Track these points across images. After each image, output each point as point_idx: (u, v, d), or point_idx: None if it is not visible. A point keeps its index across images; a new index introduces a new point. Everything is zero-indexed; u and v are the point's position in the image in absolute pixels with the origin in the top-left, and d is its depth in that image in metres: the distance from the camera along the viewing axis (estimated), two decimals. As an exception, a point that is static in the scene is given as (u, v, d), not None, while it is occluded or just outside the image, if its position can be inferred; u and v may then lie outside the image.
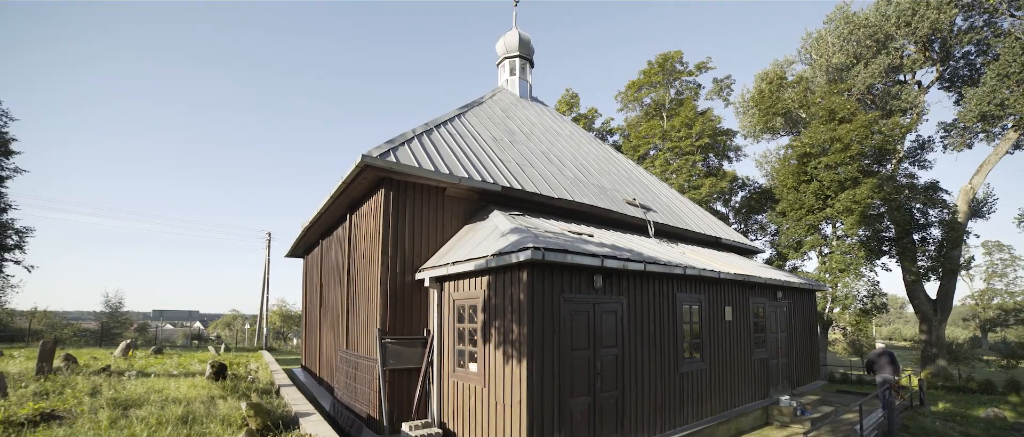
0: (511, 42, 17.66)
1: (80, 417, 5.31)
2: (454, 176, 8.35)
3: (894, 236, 27.20)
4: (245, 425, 5.90)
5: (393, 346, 7.66)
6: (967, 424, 10.07)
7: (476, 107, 13.24)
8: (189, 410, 6.10)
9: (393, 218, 7.99)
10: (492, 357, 6.48)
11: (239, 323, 54.88)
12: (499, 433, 6.24)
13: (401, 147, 8.39)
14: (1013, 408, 17.05)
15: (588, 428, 6.55)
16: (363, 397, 8.36)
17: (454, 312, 7.54)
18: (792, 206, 27.01)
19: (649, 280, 7.80)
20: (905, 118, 29.23)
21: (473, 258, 6.70)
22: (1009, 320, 51.12)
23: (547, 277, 6.18)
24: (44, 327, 33.37)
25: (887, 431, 9.30)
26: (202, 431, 5.30)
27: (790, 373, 11.76)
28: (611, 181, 13.46)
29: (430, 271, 7.76)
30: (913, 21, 27.11)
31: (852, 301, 25.16)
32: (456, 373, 7.35)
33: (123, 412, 5.67)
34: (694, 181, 28.76)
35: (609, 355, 6.95)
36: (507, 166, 10.18)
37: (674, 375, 8.07)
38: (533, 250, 5.72)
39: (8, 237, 20.91)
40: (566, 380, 6.28)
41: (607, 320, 6.98)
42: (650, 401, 7.54)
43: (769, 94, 29.97)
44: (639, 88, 33.05)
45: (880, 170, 27.72)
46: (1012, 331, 49.55)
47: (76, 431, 4.80)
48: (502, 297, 6.41)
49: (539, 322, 6.02)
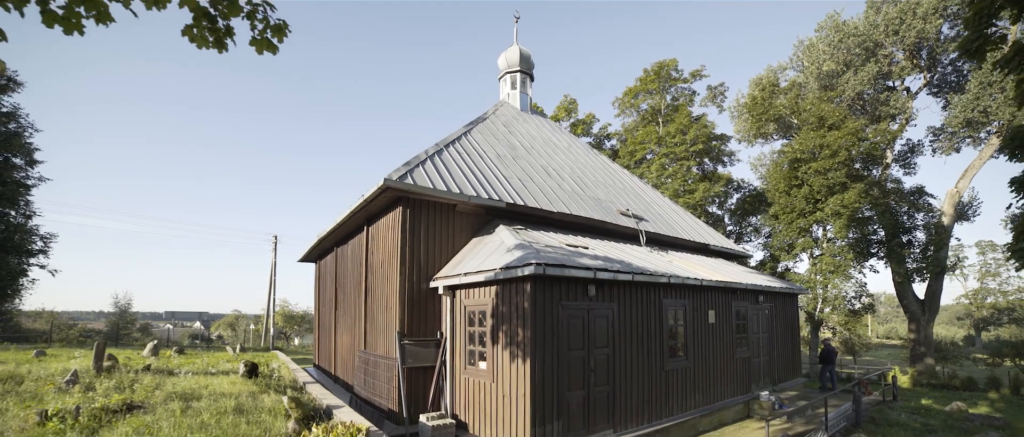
0: (512, 57, 18.63)
1: (157, 407, 6.29)
2: (464, 195, 9.33)
3: (882, 239, 28.20)
4: (289, 415, 6.90)
5: (411, 347, 8.66)
6: (929, 416, 11.05)
7: (481, 123, 14.22)
8: (238, 402, 7.09)
9: (410, 233, 8.99)
10: (500, 356, 7.47)
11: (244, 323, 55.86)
12: (506, 422, 7.24)
13: (417, 169, 9.36)
14: (990, 404, 18.04)
15: (583, 418, 7.54)
16: (383, 392, 9.35)
17: (465, 317, 8.52)
18: (784, 209, 28.00)
19: (637, 288, 8.78)
20: (894, 124, 30.21)
21: (483, 270, 7.69)
22: (1003, 319, 52.10)
23: (547, 287, 7.17)
24: (51, 327, 34.41)
25: (855, 421, 10.30)
26: (256, 419, 6.28)
27: (771, 371, 12.75)
28: (606, 192, 14.44)
29: (443, 280, 8.74)
30: (901, 30, 28.07)
31: (841, 302, 26.17)
32: (467, 370, 8.34)
33: (187, 404, 6.65)
34: (689, 185, 29.74)
35: (601, 354, 7.94)
36: (510, 182, 11.16)
37: (660, 372, 9.06)
38: (536, 265, 6.71)
39: (33, 243, 21.94)
40: (564, 376, 7.28)
41: (600, 324, 7.97)
42: (638, 395, 8.53)
43: (762, 100, 30.95)
44: (636, 95, 34.03)
45: (868, 175, 28.68)
46: (1006, 329, 50.47)
47: (159, 418, 5.79)
48: (509, 304, 7.40)
49: (540, 326, 7.00)
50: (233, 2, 2.87)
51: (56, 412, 5.50)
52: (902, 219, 28.27)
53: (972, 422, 10.46)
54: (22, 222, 21.57)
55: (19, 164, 21.36)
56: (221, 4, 2.88)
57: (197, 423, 5.75)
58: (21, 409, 5.86)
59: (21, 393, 6.84)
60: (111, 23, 2.65)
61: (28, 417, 5.44)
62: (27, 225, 21.70)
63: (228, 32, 3.00)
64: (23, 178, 21.52)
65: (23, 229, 21.35)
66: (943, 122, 28.40)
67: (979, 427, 9.89)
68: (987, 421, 10.63)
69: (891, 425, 10.10)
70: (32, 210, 21.83)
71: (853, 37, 29.68)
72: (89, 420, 5.45)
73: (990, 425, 10.21)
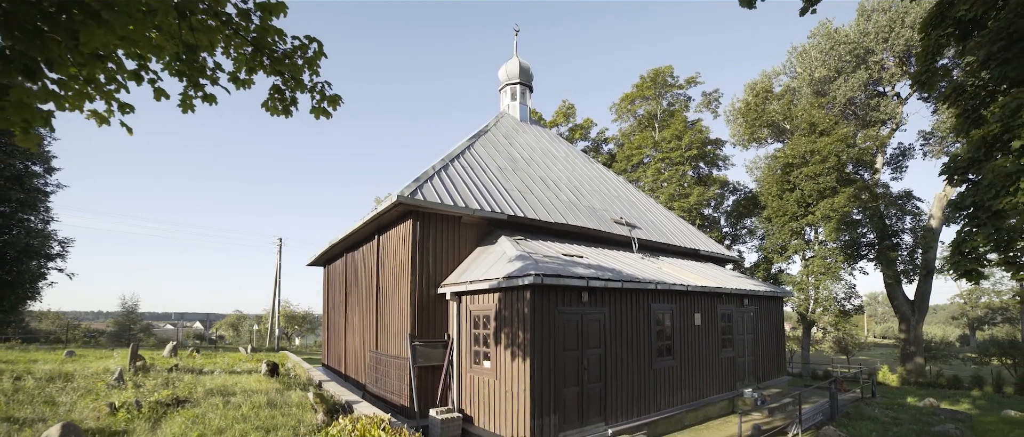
0: (512, 70, 19.48)
1: (202, 402, 7.12)
2: (469, 208, 10.18)
3: (872, 241, 29.06)
4: (314, 409, 7.75)
5: (421, 348, 9.50)
6: (901, 411, 11.89)
7: (483, 136, 15.07)
8: (269, 398, 7.92)
9: (420, 243, 9.83)
10: (502, 356, 8.31)
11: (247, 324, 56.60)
12: (508, 415, 8.08)
13: (425, 185, 10.21)
14: (972, 401, 18.86)
15: (577, 412, 8.39)
16: (394, 389, 10.20)
17: (471, 320, 9.37)
18: (776, 213, 28.88)
19: (627, 294, 9.63)
20: (884, 129, 31.07)
21: (487, 279, 8.54)
22: (996, 319, 52.87)
23: (545, 294, 8.01)
24: (57, 328, 35.30)
25: (830, 416, 11.15)
26: (287, 412, 7.12)
27: (756, 369, 13.60)
28: (601, 201, 15.29)
29: (450, 287, 9.59)
30: (891, 38, 28.93)
31: (831, 302, 27.04)
32: (472, 369, 9.18)
33: (225, 399, 7.49)
34: (684, 190, 30.60)
35: (594, 354, 8.79)
36: (511, 194, 12.01)
37: (648, 370, 9.90)
38: (535, 275, 7.56)
39: (51, 247, 22.81)
40: (560, 374, 8.12)
41: (592, 326, 8.81)
42: (628, 391, 9.38)
43: (755, 106, 31.81)
44: (632, 100, 34.91)
45: (859, 178, 29.52)
46: (999, 329, 51.23)
47: (206, 410, 6.63)
48: (510, 310, 8.25)
49: (539, 329, 7.85)
50: (300, 81, 3.70)
51: (121, 404, 6.34)
52: (891, 222, 29.13)
53: (938, 416, 11.31)
54: (41, 227, 22.44)
55: (38, 172, 22.25)
56: (290, 83, 3.71)
57: (239, 415, 6.59)
58: (90, 402, 6.70)
59: (77, 389, 7.67)
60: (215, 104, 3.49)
61: (100, 407, 6.29)
62: (45, 230, 22.56)
63: (293, 102, 3.82)
64: (42, 185, 22.40)
65: (42, 234, 22.22)
66: (932, 126, 29.29)
67: (941, 420, 10.73)
68: (951, 415, 11.48)
69: (863, 419, 10.94)
70: (50, 216, 22.72)
71: (844, 44, 30.54)
72: (149, 411, 6.30)
73: (952, 419, 11.06)
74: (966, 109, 6.53)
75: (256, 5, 3.30)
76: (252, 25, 3.39)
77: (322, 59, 3.62)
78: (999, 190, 5.69)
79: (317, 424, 6.66)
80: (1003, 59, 5.83)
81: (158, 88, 3.52)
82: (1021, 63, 5.61)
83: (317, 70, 3.65)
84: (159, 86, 3.52)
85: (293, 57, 3.57)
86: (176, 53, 3.30)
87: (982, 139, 6.08)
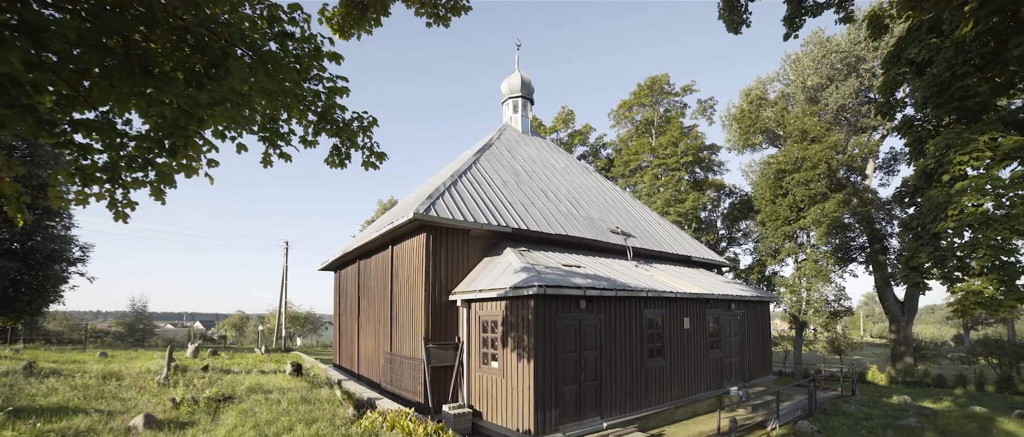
0: (514, 84, 20.46)
1: (246, 398, 8.10)
2: (477, 223, 11.17)
3: (862, 244, 30.04)
4: (343, 404, 8.73)
5: (434, 350, 10.49)
6: (875, 408, 12.87)
7: (488, 150, 16.05)
8: (301, 395, 8.91)
9: (433, 254, 10.82)
10: (508, 357, 9.30)
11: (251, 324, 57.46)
12: (513, 410, 9.07)
13: (438, 201, 11.19)
14: (954, 399, 19.84)
15: (575, 407, 9.38)
16: (409, 387, 11.19)
17: (479, 325, 10.36)
18: (770, 217, 29.88)
19: (621, 301, 10.61)
20: (875, 134, 32.06)
21: (494, 288, 9.53)
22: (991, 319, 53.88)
23: (547, 302, 9.00)
24: (65, 328, 36.20)
25: (808, 412, 12.14)
26: (321, 407, 8.10)
27: (743, 369, 14.59)
28: (598, 211, 16.28)
29: (461, 295, 10.58)
30: (880, 46, 29.90)
31: (822, 304, 28.04)
32: (481, 369, 10.17)
33: (265, 395, 8.47)
34: (680, 195, 31.59)
35: (591, 355, 9.78)
36: (515, 208, 12.99)
37: (640, 370, 10.89)
38: (538, 286, 8.55)
39: (72, 251, 23.81)
40: (560, 373, 9.11)
41: (589, 331, 9.80)
42: (621, 389, 10.37)
43: (749, 113, 32.81)
44: (630, 107, 35.91)
45: (849, 184, 30.50)
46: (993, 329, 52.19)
47: (251, 405, 7.61)
48: (516, 316, 9.24)
49: (541, 333, 8.83)
50: (354, 141, 4.67)
51: (181, 400, 7.31)
52: (881, 226, 30.11)
53: (907, 412, 12.30)
54: (63, 233, 23.43)
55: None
56: (346, 142, 4.69)
57: (280, 409, 7.57)
58: (148, 398, 7.68)
59: (130, 386, 8.65)
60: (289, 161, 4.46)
61: (164, 402, 7.26)
62: (67, 235, 23.56)
63: (348, 157, 4.81)
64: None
65: (64, 239, 23.21)
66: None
67: (908, 415, 11.71)
68: (918, 411, 12.48)
69: (838, 415, 11.93)
70: (72, 222, 23.72)
71: (836, 53, 31.53)
72: (205, 406, 7.27)
73: (918, 413, 12.05)
74: (913, 140, 7.45)
75: (326, 89, 4.29)
76: (320, 102, 4.37)
77: (375, 127, 4.61)
78: (936, 215, 6.61)
79: (349, 417, 7.63)
80: (937, 104, 6.75)
81: (239, 143, 4.50)
82: (950, 107, 6.54)
83: (370, 135, 4.64)
84: (239, 142, 4.51)
85: (351, 125, 4.55)
86: (263, 124, 4.29)
87: (923, 171, 7.02)
